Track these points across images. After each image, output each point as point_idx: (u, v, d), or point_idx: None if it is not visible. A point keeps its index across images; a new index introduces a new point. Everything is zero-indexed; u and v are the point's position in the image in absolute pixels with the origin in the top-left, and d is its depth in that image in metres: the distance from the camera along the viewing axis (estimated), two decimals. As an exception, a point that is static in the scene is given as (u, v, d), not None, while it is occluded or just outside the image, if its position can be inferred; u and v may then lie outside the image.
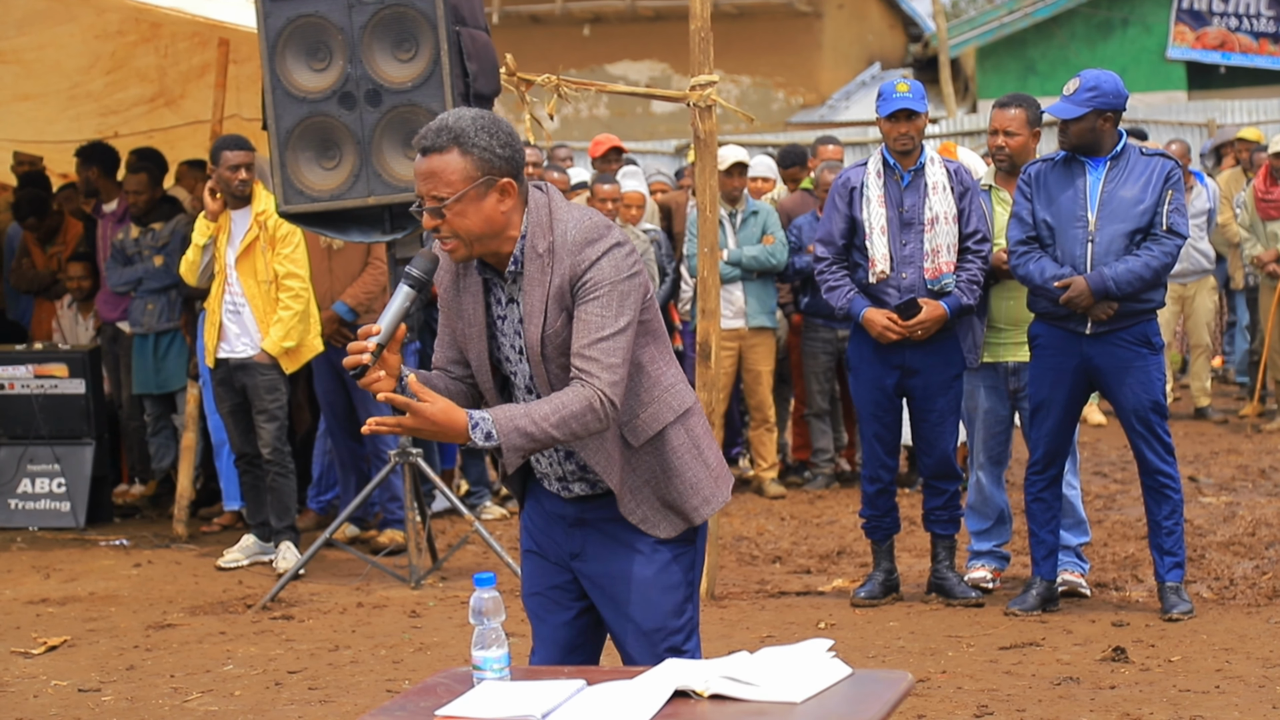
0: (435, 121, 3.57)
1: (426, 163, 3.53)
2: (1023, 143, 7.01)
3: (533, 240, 3.59)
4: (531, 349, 3.61)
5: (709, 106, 7.12)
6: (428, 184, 3.54)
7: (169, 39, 9.76)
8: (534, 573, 3.87)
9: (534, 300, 3.59)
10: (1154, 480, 6.54)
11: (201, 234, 8.02)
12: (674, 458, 3.73)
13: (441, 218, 3.52)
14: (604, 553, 3.77)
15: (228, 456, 8.66)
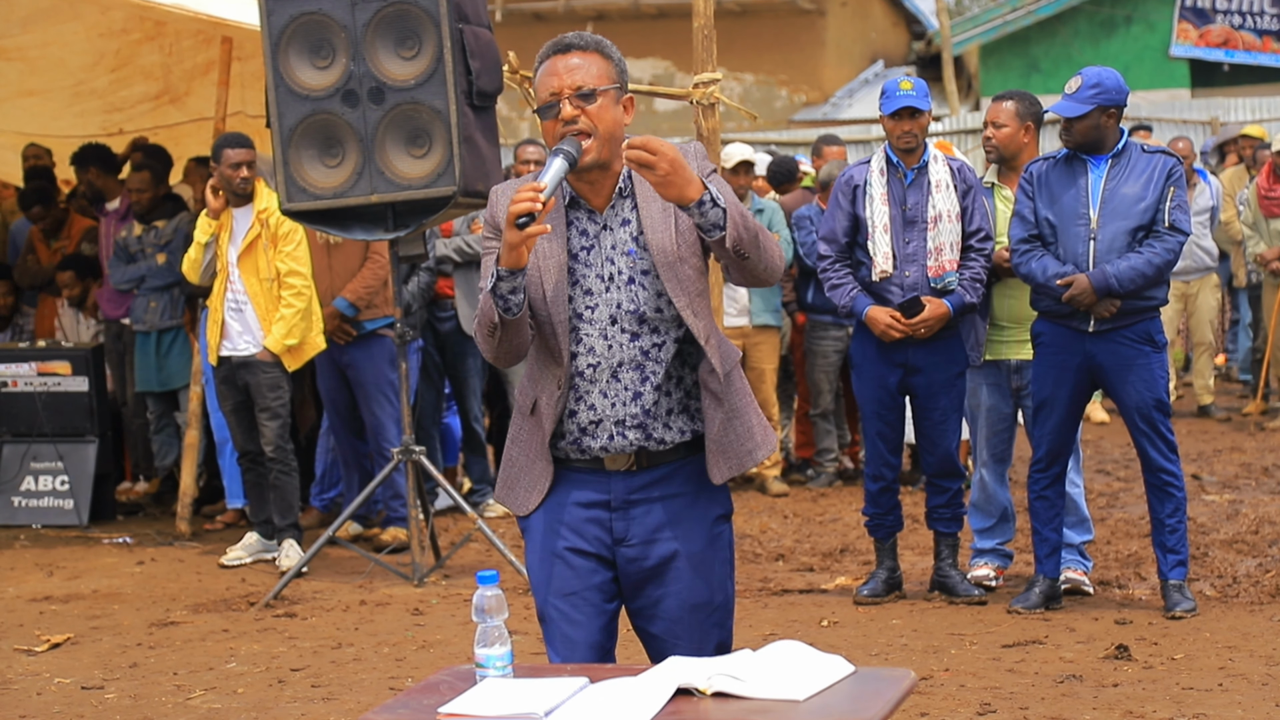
0: (574, 31, 3.68)
1: (569, 58, 3.60)
2: (1010, 134, 7.00)
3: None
4: (664, 251, 3.62)
5: (712, 104, 7.13)
6: (572, 75, 3.58)
7: (173, 36, 9.77)
8: (569, 573, 3.72)
9: (654, 211, 3.64)
10: (1157, 478, 6.54)
11: (204, 232, 8.02)
12: (738, 399, 3.75)
13: (586, 106, 3.56)
14: (655, 533, 3.72)
15: (230, 454, 8.66)
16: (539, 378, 3.71)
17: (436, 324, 9.29)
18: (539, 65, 3.66)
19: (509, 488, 3.80)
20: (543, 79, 3.63)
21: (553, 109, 3.59)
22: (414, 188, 7.14)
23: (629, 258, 3.65)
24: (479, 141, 7.19)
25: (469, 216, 9.01)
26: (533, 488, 3.75)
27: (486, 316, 3.57)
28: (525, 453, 3.76)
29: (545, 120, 3.61)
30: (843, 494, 9.75)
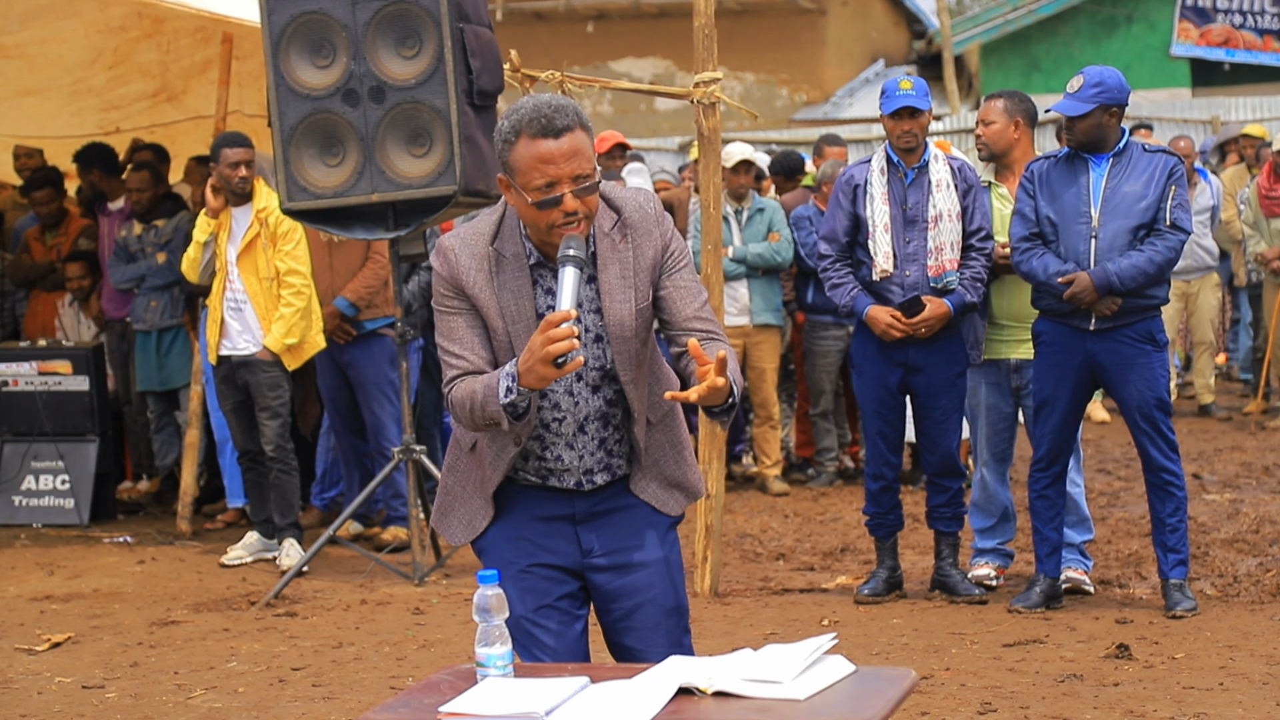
0: (547, 102, 3.46)
1: (568, 141, 3.43)
2: (998, 131, 7.01)
3: (599, 221, 3.58)
4: (622, 326, 3.59)
5: (713, 103, 7.12)
6: (573, 163, 3.43)
7: (171, 35, 9.77)
8: (538, 588, 3.71)
9: (612, 278, 3.58)
10: (1158, 477, 6.54)
11: (203, 231, 8.02)
12: (680, 432, 3.80)
13: (586, 197, 3.46)
14: (620, 542, 3.73)
15: (231, 453, 8.66)
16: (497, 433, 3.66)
17: (436, 324, 9.29)
18: (517, 139, 3.46)
19: (443, 515, 3.80)
20: (535, 164, 3.44)
21: (555, 202, 3.45)
22: (414, 187, 7.14)
23: (596, 315, 3.61)
24: (479, 141, 7.18)
25: (470, 216, 9.00)
26: (468, 522, 3.75)
27: (483, 414, 3.51)
28: (462, 484, 3.77)
29: (543, 210, 3.45)
30: (843, 493, 9.74)
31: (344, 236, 7.78)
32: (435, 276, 3.60)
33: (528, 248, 3.59)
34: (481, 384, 3.52)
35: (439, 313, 3.62)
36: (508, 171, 3.50)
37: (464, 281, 3.57)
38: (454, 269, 3.57)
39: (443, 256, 3.59)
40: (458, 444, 3.77)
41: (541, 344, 3.34)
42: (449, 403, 3.62)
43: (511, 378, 3.45)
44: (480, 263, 3.57)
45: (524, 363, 3.40)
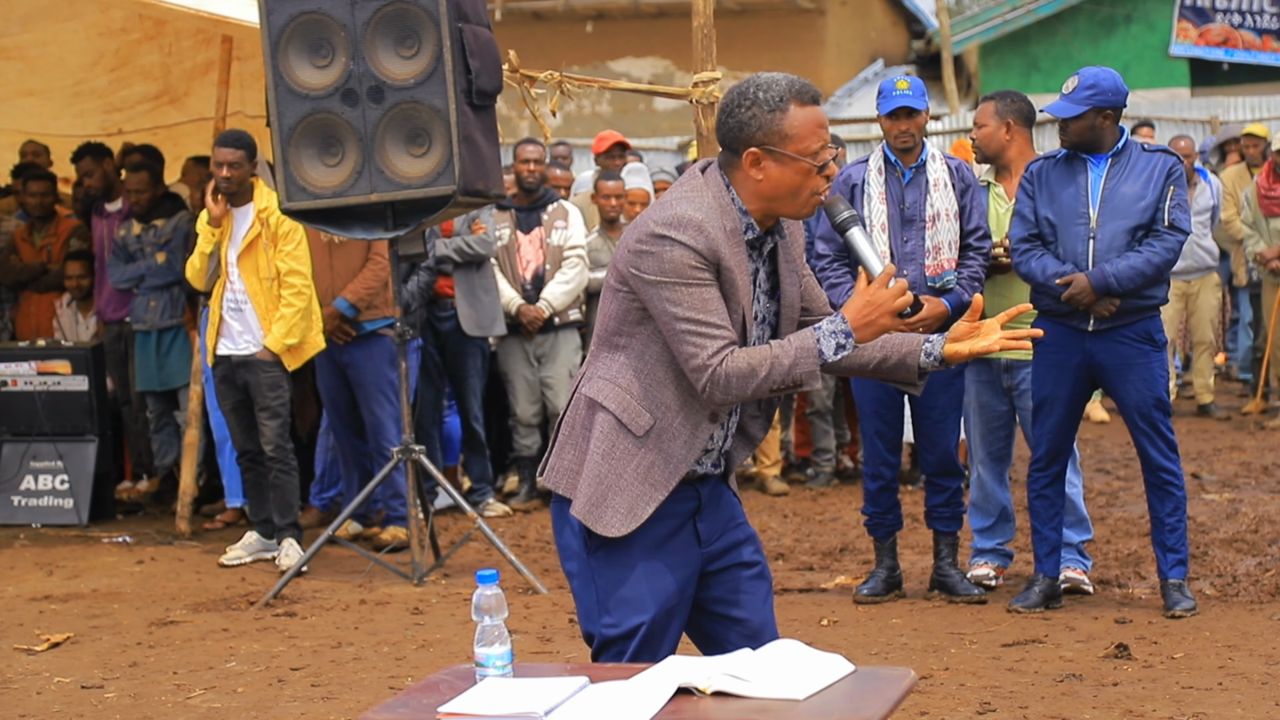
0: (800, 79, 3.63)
1: (823, 113, 3.63)
2: (989, 133, 7.02)
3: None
4: (793, 308, 3.76)
5: (712, 103, 7.12)
6: (828, 134, 3.65)
7: (173, 36, 9.77)
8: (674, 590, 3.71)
9: (792, 262, 3.77)
10: (1157, 477, 6.54)
11: (207, 241, 8.00)
12: None
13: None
14: (726, 523, 3.82)
15: (230, 453, 8.66)
16: (673, 405, 3.64)
17: (436, 323, 9.29)
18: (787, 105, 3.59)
19: (596, 505, 3.66)
20: (814, 128, 3.60)
21: (827, 165, 3.61)
22: (413, 187, 7.14)
23: (767, 297, 3.74)
24: (478, 141, 7.18)
25: (469, 216, 9.00)
26: (629, 510, 3.65)
27: (785, 379, 3.55)
28: (619, 471, 3.65)
29: (819, 173, 3.59)
30: (842, 493, 9.74)
31: (343, 236, 7.78)
32: (685, 249, 3.54)
33: (745, 223, 3.66)
34: (779, 349, 3.57)
35: (686, 285, 3.55)
36: (770, 141, 3.59)
37: (722, 254, 3.59)
38: (712, 241, 3.57)
39: (697, 228, 3.56)
40: (619, 429, 3.65)
41: (890, 296, 3.53)
42: (716, 376, 3.55)
43: (845, 334, 3.55)
44: (725, 236, 3.61)
45: (862, 317, 3.55)
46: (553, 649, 6.29)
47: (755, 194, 3.63)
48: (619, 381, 3.66)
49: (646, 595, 3.67)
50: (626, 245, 3.65)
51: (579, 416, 3.72)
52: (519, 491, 9.69)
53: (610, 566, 3.70)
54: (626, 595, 3.69)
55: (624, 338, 3.67)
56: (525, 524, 9.10)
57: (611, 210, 9.52)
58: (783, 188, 3.61)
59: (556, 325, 9.41)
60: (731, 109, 3.63)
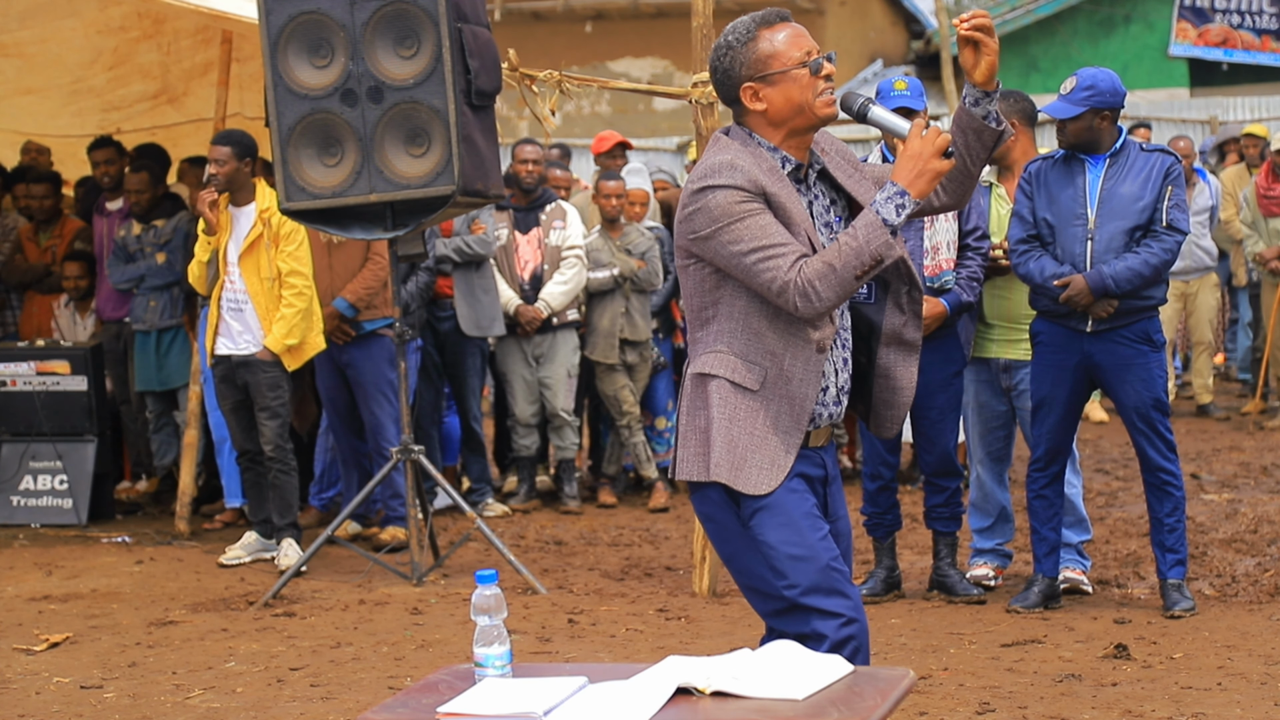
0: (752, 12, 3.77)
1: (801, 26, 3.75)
2: None
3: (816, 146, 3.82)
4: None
5: (711, 103, 7.12)
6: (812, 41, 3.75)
7: (171, 36, 9.76)
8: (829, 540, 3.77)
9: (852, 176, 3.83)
10: (1156, 477, 6.54)
11: (204, 249, 8.02)
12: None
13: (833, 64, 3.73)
14: (839, 508, 3.88)
15: (229, 453, 8.66)
16: (777, 348, 3.70)
17: (436, 323, 9.29)
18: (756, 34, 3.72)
19: (737, 468, 3.71)
20: (792, 39, 3.71)
21: (816, 64, 3.69)
22: (413, 187, 7.13)
23: (828, 229, 3.78)
24: (478, 141, 7.18)
25: (469, 216, 9.00)
26: (771, 464, 3.70)
27: (872, 256, 3.58)
28: (749, 431, 3.70)
29: (812, 76, 3.68)
30: (842, 493, 9.74)
31: (342, 236, 7.78)
32: (726, 190, 3.63)
33: (779, 158, 3.73)
34: (845, 237, 3.62)
35: (740, 220, 3.63)
36: (755, 72, 3.71)
37: (764, 182, 3.66)
38: (748, 173, 3.66)
39: (730, 167, 3.65)
40: (735, 390, 3.71)
41: (928, 143, 3.59)
42: (799, 287, 3.61)
43: (899, 194, 3.59)
44: (764, 173, 3.68)
45: (910, 171, 3.60)
46: (552, 649, 6.29)
47: (771, 125, 3.73)
48: (719, 348, 3.73)
49: (816, 544, 3.71)
50: (678, 219, 3.74)
51: (693, 398, 3.78)
52: (518, 492, 9.69)
53: (770, 528, 3.71)
54: (795, 552, 3.71)
55: (710, 308, 3.74)
56: (524, 524, 9.10)
57: (612, 210, 9.52)
58: (788, 105, 3.70)
59: (555, 325, 9.41)
60: (715, 65, 3.77)
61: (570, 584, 7.50)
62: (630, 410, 9.49)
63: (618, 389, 9.49)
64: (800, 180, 3.76)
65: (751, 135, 3.74)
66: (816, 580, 3.70)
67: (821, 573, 3.69)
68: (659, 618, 6.81)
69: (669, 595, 7.23)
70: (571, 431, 9.51)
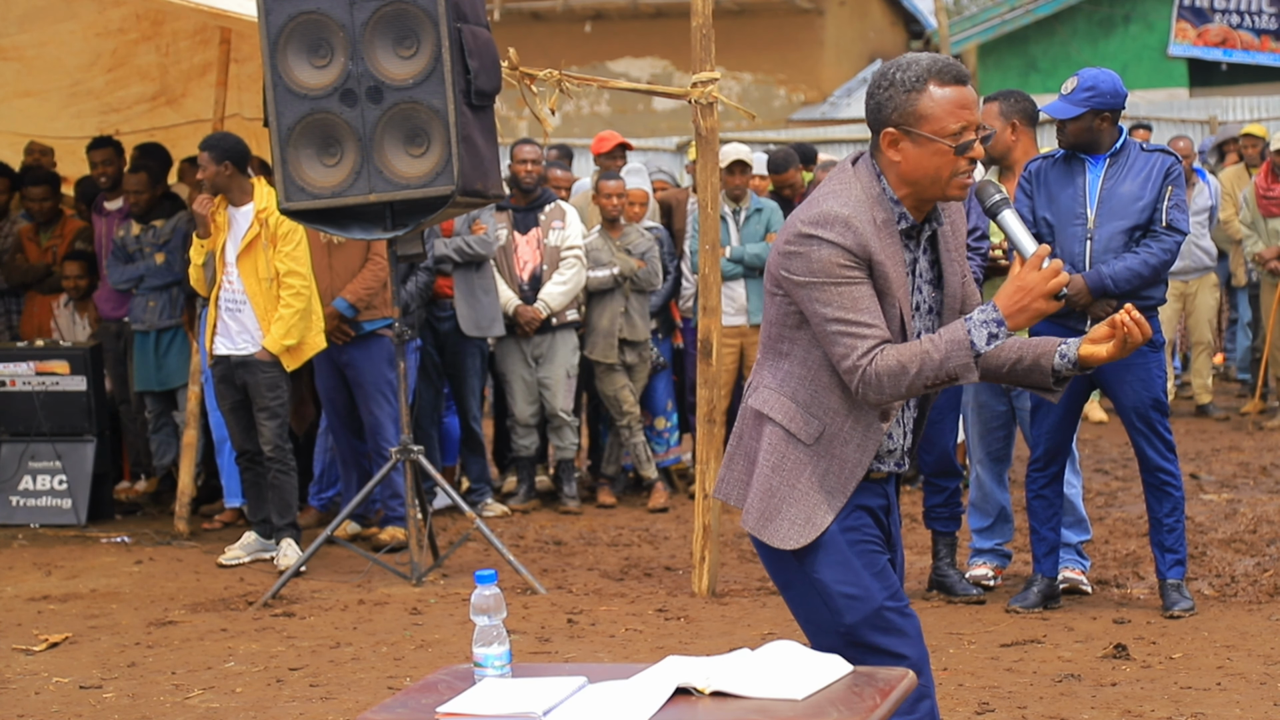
0: (939, 56, 3.57)
1: (972, 91, 3.55)
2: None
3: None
4: (954, 298, 3.68)
5: (710, 103, 7.12)
6: (976, 111, 3.55)
7: (170, 37, 9.76)
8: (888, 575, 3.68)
9: (951, 251, 3.68)
10: (1155, 477, 6.54)
11: (198, 253, 8.04)
12: None
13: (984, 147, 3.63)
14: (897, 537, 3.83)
15: (229, 453, 8.66)
16: (841, 408, 3.60)
17: (436, 324, 9.29)
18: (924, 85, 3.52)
19: (768, 519, 3.63)
20: (953, 108, 3.52)
21: (966, 146, 3.52)
22: (412, 187, 7.13)
23: (931, 287, 3.68)
24: (477, 141, 7.18)
25: (470, 216, 9.00)
26: (806, 520, 3.61)
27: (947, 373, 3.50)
28: (792, 483, 3.61)
29: (957, 156, 3.51)
30: (841, 493, 9.73)
31: (341, 237, 7.78)
32: (833, 248, 3.48)
33: (897, 212, 3.58)
34: (930, 344, 3.49)
35: (836, 285, 3.50)
36: (906, 121, 3.52)
37: (873, 248, 3.52)
38: (860, 236, 3.50)
39: (844, 224, 3.50)
40: (788, 440, 3.62)
41: (1043, 279, 3.46)
42: (866, 376, 3.50)
43: (997, 323, 3.46)
44: (876, 229, 3.54)
45: (1014, 303, 3.46)
46: (551, 649, 6.29)
47: (899, 178, 3.56)
48: (784, 390, 3.62)
49: (869, 583, 3.62)
50: (777, 248, 3.61)
51: (746, 428, 3.69)
52: (517, 492, 9.69)
53: (824, 566, 3.62)
54: (849, 591, 3.61)
55: (786, 343, 3.63)
56: (524, 524, 9.10)
57: (612, 210, 9.52)
58: (921, 170, 3.54)
59: (554, 326, 9.41)
60: (872, 90, 3.58)
61: (569, 584, 7.50)
62: (630, 410, 9.49)
63: (617, 389, 9.49)
64: (911, 237, 3.62)
65: (880, 177, 3.58)
66: (871, 619, 3.61)
67: (876, 612, 3.61)
68: (658, 618, 6.81)
69: (668, 595, 7.23)
70: (571, 432, 9.51)
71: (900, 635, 3.61)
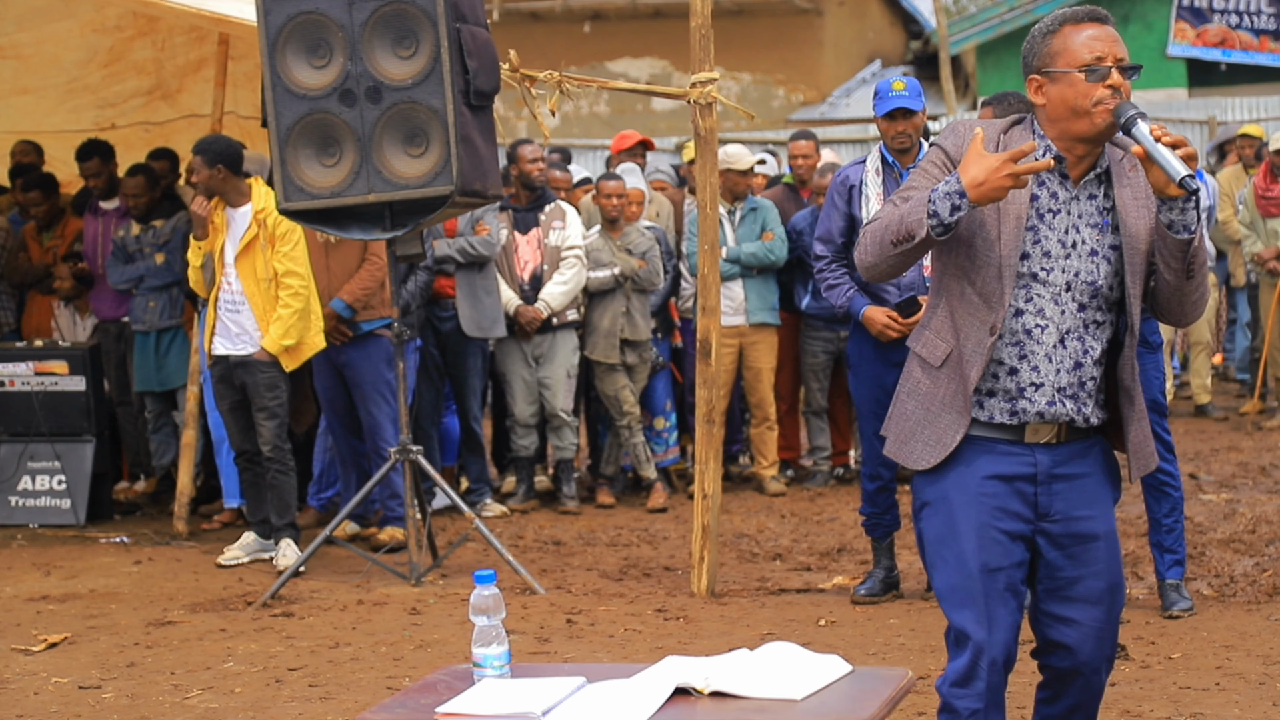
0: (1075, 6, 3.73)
1: (1112, 30, 3.68)
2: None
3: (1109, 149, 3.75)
4: (1137, 239, 3.69)
5: (709, 104, 7.12)
6: (1117, 48, 3.66)
7: (166, 33, 9.77)
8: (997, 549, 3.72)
9: (1127, 197, 3.71)
10: (1154, 478, 6.54)
11: (195, 254, 8.04)
12: (1142, 404, 3.85)
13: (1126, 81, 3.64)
14: (1077, 510, 3.77)
15: (228, 453, 8.66)
16: (963, 327, 3.72)
17: (437, 323, 9.29)
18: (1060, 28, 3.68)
19: (904, 441, 3.82)
20: (1085, 42, 3.64)
21: (1101, 72, 3.62)
22: (411, 187, 7.13)
23: (1096, 230, 3.71)
24: (476, 141, 7.18)
25: (473, 216, 9.00)
26: (937, 441, 3.76)
27: (906, 229, 3.61)
28: (926, 406, 3.78)
29: (1090, 81, 3.61)
30: (840, 494, 9.75)
31: (340, 237, 7.78)
32: (937, 149, 3.74)
33: (1041, 146, 3.70)
34: (908, 206, 3.63)
35: (918, 171, 3.75)
36: (1043, 65, 3.69)
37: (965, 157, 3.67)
38: (962, 150, 3.68)
39: (956, 134, 3.72)
40: (922, 366, 3.80)
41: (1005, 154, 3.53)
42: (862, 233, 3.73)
43: (959, 194, 3.55)
44: (990, 146, 3.68)
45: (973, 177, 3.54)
46: (550, 649, 6.29)
47: (1047, 120, 3.70)
48: (929, 324, 3.81)
49: (965, 551, 3.71)
50: None
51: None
52: (517, 492, 9.69)
53: (929, 522, 3.79)
54: (942, 553, 3.76)
55: (936, 282, 3.81)
56: (523, 524, 9.10)
57: (613, 210, 9.52)
58: (1062, 105, 3.65)
59: (554, 326, 9.41)
60: (1024, 48, 3.76)
61: (569, 584, 7.50)
62: (630, 410, 9.49)
63: (618, 389, 9.49)
64: (1065, 176, 3.71)
65: (1033, 125, 3.74)
66: (955, 586, 3.73)
67: (962, 582, 3.72)
68: (657, 618, 6.81)
69: (667, 595, 7.23)
70: (570, 432, 9.52)
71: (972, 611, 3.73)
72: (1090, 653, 3.82)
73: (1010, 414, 3.72)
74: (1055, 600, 3.81)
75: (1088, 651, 3.82)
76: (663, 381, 9.84)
